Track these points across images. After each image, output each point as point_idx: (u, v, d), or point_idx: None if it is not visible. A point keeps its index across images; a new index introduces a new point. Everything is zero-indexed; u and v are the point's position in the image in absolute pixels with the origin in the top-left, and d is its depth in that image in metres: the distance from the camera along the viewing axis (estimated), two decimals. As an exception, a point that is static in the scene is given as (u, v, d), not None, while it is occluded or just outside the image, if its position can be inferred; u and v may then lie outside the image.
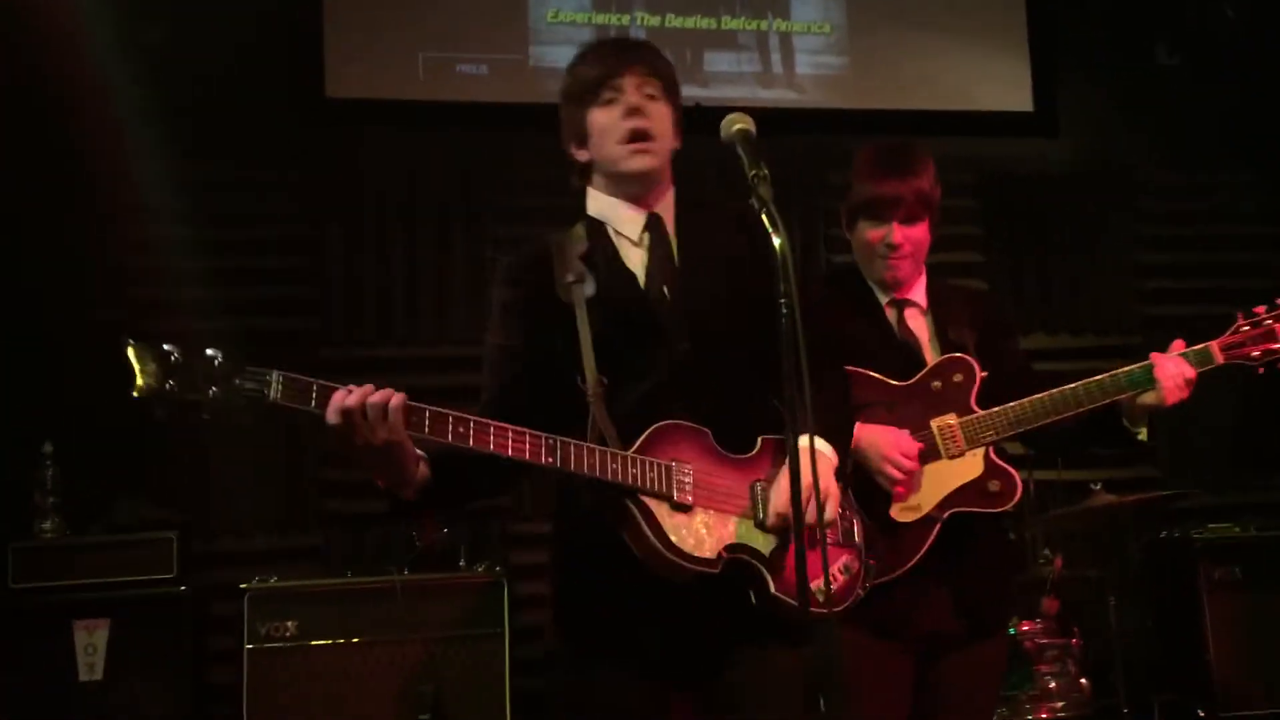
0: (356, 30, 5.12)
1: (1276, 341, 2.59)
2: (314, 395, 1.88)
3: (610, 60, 2.18)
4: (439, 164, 5.19)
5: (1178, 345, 2.60)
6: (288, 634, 4.05)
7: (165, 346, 1.83)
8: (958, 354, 2.63)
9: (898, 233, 2.63)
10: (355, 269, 5.07)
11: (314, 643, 4.07)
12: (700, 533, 2.03)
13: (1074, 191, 5.68)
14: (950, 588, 2.57)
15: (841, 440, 2.22)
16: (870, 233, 2.65)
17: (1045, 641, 3.85)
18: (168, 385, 1.82)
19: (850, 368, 2.46)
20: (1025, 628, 3.98)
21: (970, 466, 2.57)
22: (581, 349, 2.08)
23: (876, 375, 2.60)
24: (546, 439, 1.98)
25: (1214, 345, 2.60)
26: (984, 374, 2.60)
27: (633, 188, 2.20)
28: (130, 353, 1.82)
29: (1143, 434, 2.61)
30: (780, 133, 2.13)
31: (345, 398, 1.88)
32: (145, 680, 4.01)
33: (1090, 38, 5.67)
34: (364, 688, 4.04)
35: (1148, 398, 2.54)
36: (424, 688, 4.02)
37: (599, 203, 2.24)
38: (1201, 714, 4.57)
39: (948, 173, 2.76)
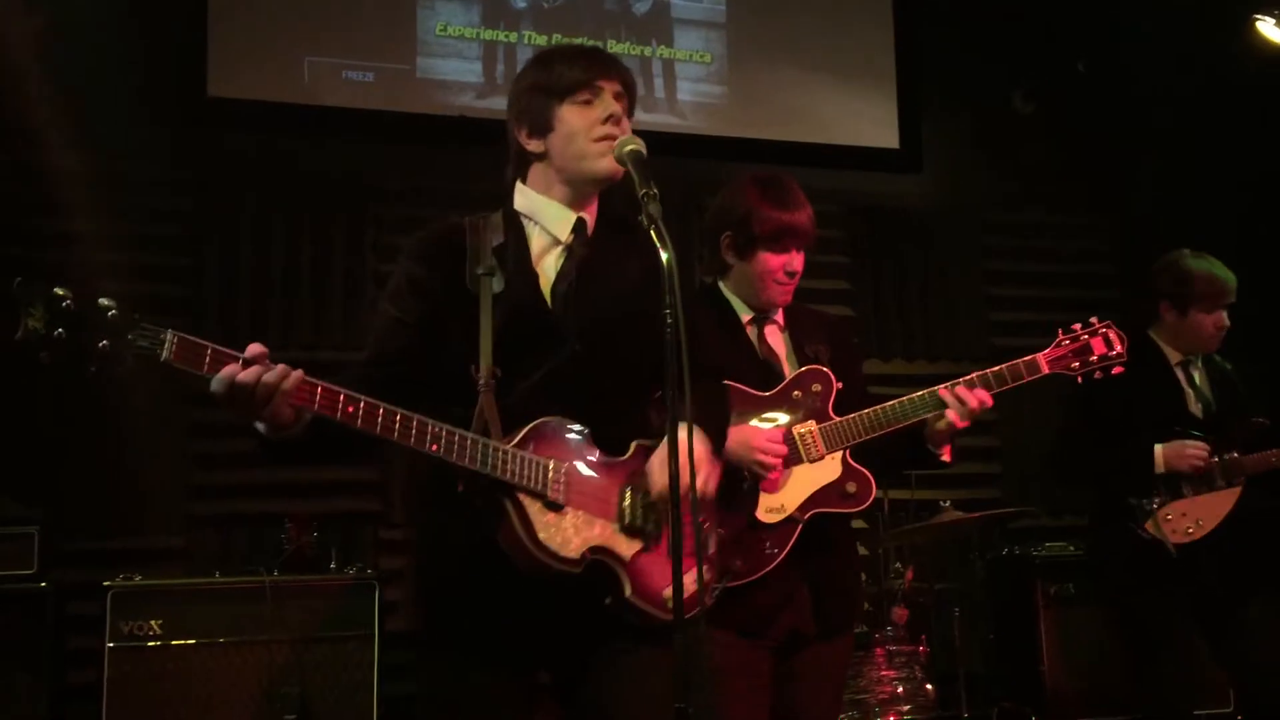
0: (242, 31, 5.10)
1: (1093, 354, 2.83)
2: (207, 359, 1.83)
3: (594, 65, 2.22)
4: (320, 168, 5.20)
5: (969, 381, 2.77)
6: (151, 633, 4.00)
7: (58, 290, 1.72)
8: (816, 365, 2.80)
9: (797, 260, 2.80)
10: (232, 270, 5.04)
11: (178, 642, 4.03)
12: (568, 532, 2.05)
13: (934, 226, 6.00)
14: (809, 587, 2.72)
15: (716, 439, 2.28)
16: (772, 260, 2.78)
17: (894, 648, 4.05)
18: (56, 332, 1.71)
19: None
20: (876, 635, 4.18)
21: (829, 470, 2.73)
22: (481, 340, 2.09)
23: (741, 386, 2.74)
24: (433, 426, 1.97)
25: (1040, 357, 2.82)
26: (840, 385, 2.78)
27: (585, 189, 2.23)
28: (18, 293, 1.70)
29: (945, 456, 2.80)
30: (660, 155, 2.24)
31: (238, 372, 1.84)
32: (3, 677, 3.92)
33: (954, 82, 5.99)
34: (229, 688, 4.02)
35: (941, 424, 2.73)
36: (290, 689, 4.01)
37: (529, 199, 2.26)
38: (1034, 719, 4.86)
39: (817, 203, 2.91)
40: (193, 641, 4.04)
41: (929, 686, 4.08)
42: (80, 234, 4.66)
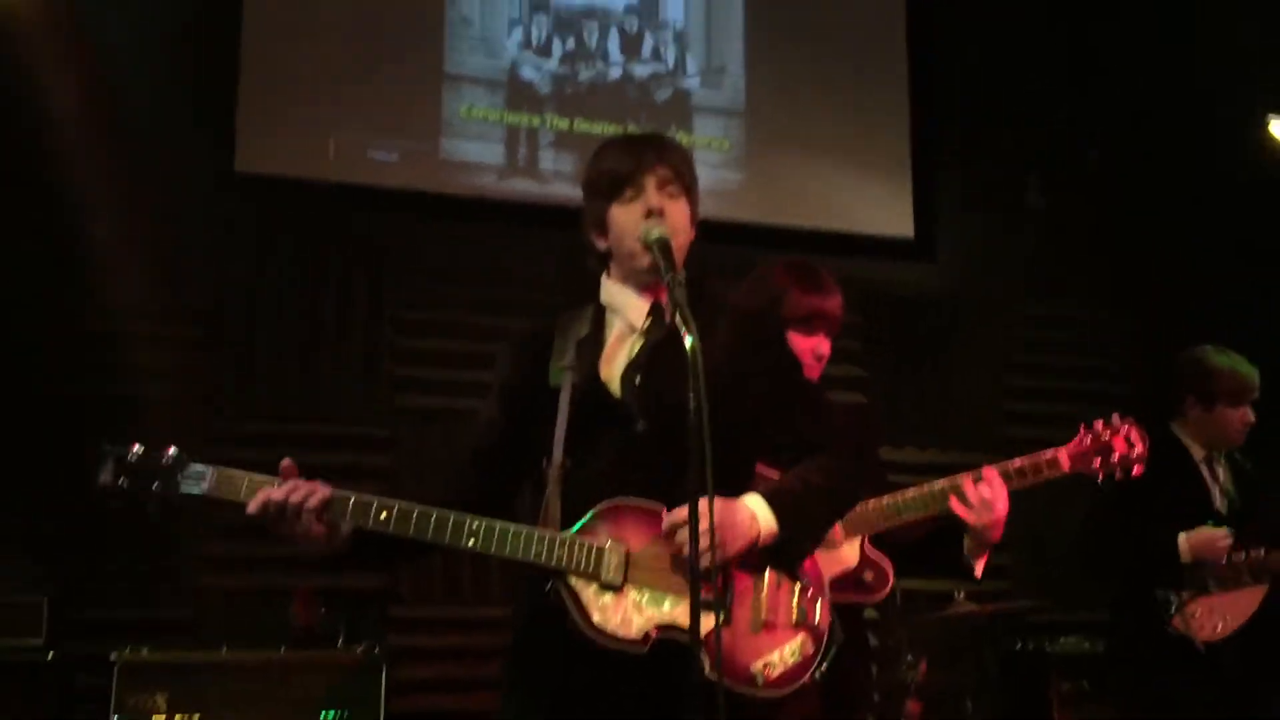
0: (270, 108, 5.20)
1: (1114, 453, 2.81)
2: (243, 488, 2.04)
3: (633, 159, 2.24)
4: (343, 245, 5.26)
5: (988, 471, 2.74)
6: (157, 707, 3.96)
7: (135, 448, 2.05)
8: (835, 453, 2.80)
9: (825, 345, 2.83)
10: (251, 342, 5.08)
11: (182, 716, 3.99)
12: (628, 612, 2.05)
13: (948, 315, 6.03)
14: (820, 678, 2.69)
15: (798, 512, 2.17)
16: (801, 343, 2.79)
17: (907, 740, 3.99)
18: (120, 481, 2.03)
19: None
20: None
21: (846, 557, 2.72)
22: (556, 432, 2.15)
23: (764, 469, 2.75)
24: (470, 523, 2.05)
25: (1061, 453, 2.80)
26: (860, 471, 2.78)
27: (645, 279, 2.25)
28: (103, 451, 2.03)
29: (977, 571, 2.76)
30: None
31: (269, 493, 2.02)
32: (7, 749, 3.88)
33: (968, 172, 6.07)
34: (232, 766, 3.97)
35: (975, 527, 2.67)
36: (294, 767, 3.97)
37: (610, 291, 2.31)
38: (1049, 821, 4.77)
39: (831, 290, 2.95)
40: (198, 716, 4.01)
41: (942, 783, 4.01)
42: (102, 305, 4.71)
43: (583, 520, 2.10)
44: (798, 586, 2.18)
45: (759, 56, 5.94)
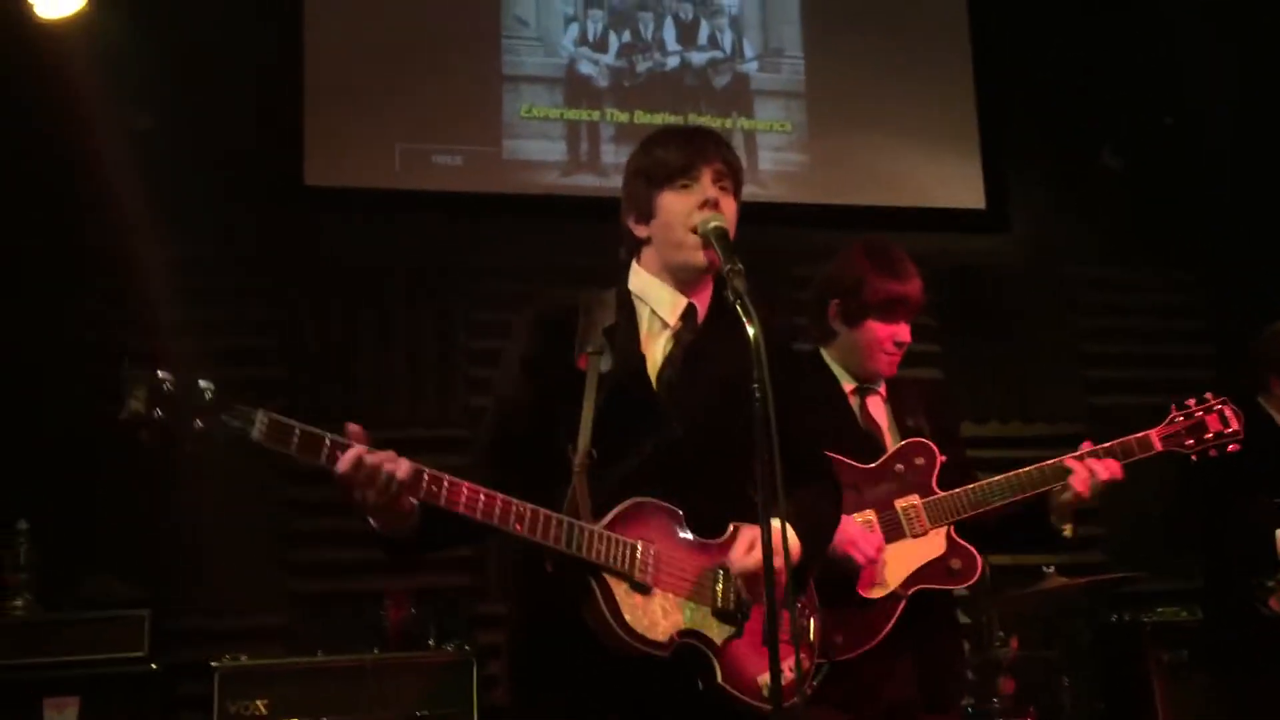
0: (335, 121, 5.28)
1: (1208, 431, 2.78)
2: (295, 438, 1.89)
3: (692, 148, 2.21)
4: (412, 251, 5.32)
5: (1086, 446, 2.74)
6: (258, 713, 4.06)
7: (160, 374, 1.83)
8: (919, 438, 2.78)
9: (905, 331, 2.79)
10: (325, 351, 5.16)
11: (282, 720, 4.08)
12: (655, 614, 2.03)
13: (1023, 285, 5.93)
14: (911, 662, 2.68)
15: (813, 538, 2.22)
16: (881, 330, 2.77)
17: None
18: (155, 413, 1.81)
19: None
20: (983, 707, 4.07)
21: (933, 545, 2.69)
22: (581, 420, 2.10)
23: (842, 458, 2.73)
24: (517, 506, 1.99)
25: (1153, 434, 2.77)
26: (944, 458, 2.75)
27: (687, 276, 2.23)
28: (125, 375, 1.81)
29: (1067, 530, 2.74)
30: (743, 225, 2.28)
31: (362, 453, 1.91)
32: (117, 759, 3.99)
33: (1039, 140, 5.95)
34: (334, 766, 4.04)
35: (1067, 495, 2.67)
36: (394, 767, 4.04)
37: (642, 280, 2.27)
38: (1153, 792, 4.68)
39: (906, 266, 2.90)
40: (296, 719, 4.09)
41: (1039, 760, 3.96)
42: (176, 320, 4.80)
43: (611, 515, 2.06)
44: (797, 606, 2.16)
45: (816, 36, 5.88)
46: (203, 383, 1.85)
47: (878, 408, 2.86)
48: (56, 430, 4.56)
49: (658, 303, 2.24)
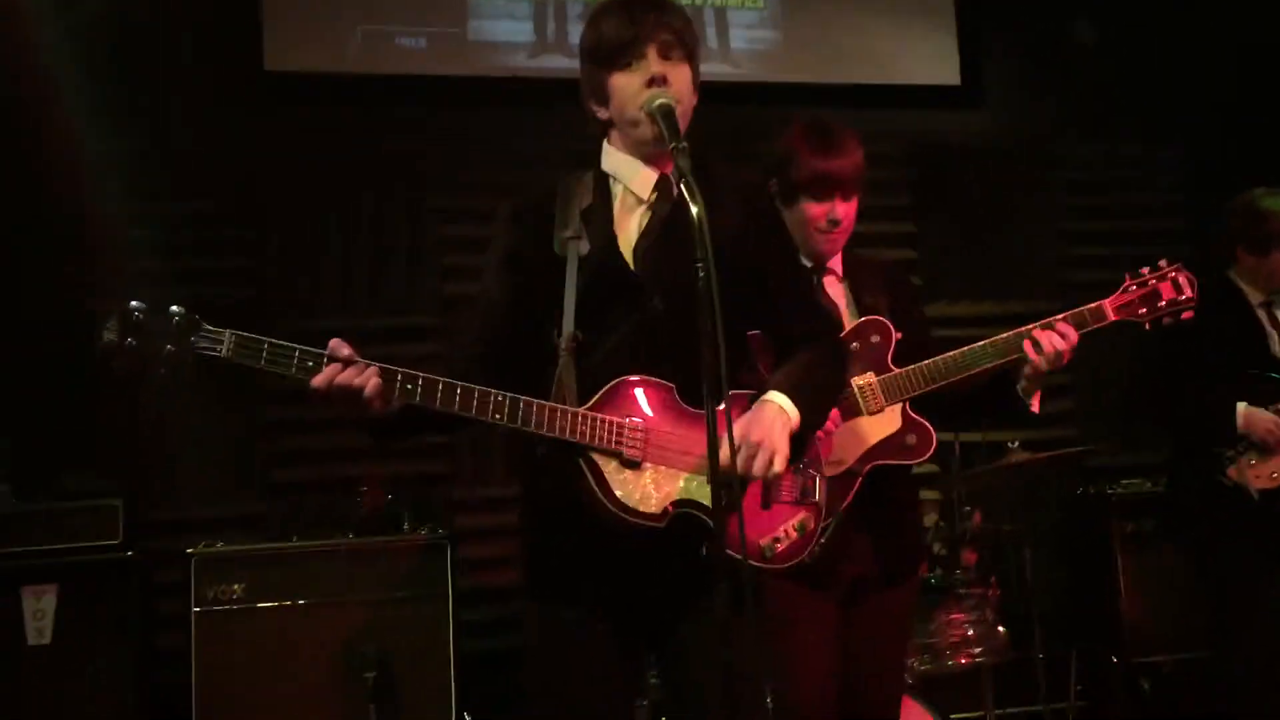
0: (295, 2, 5.15)
1: (1161, 300, 2.75)
2: (263, 354, 1.98)
3: (633, 24, 2.17)
4: (377, 136, 5.22)
5: (1062, 325, 2.71)
6: (234, 596, 4.12)
7: (132, 304, 1.95)
8: (874, 316, 2.77)
9: (840, 209, 2.75)
10: (292, 239, 5.11)
11: (260, 605, 4.14)
12: (647, 488, 2.08)
13: (999, 162, 5.86)
14: (869, 536, 2.72)
15: (813, 402, 2.21)
16: (813, 209, 2.73)
17: (964, 590, 4.02)
18: (128, 341, 1.93)
19: None
20: (946, 578, 4.15)
21: (889, 422, 2.71)
22: (564, 304, 2.14)
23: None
24: (495, 397, 2.03)
25: (1106, 304, 2.75)
26: (899, 335, 2.75)
27: (649, 150, 2.21)
28: (98, 308, 1.93)
29: (1034, 404, 2.74)
30: (715, 105, 2.25)
31: (335, 374, 2.01)
32: (93, 644, 4.06)
33: (1014, 13, 5.83)
34: (310, 647, 4.12)
35: (1026, 368, 2.67)
36: (368, 647, 4.10)
37: (613, 159, 2.27)
38: (1114, 660, 4.80)
39: (879, 144, 2.85)
40: (274, 604, 4.15)
41: (1000, 629, 4.05)
42: (137, 214, 4.75)
43: (597, 395, 2.10)
44: (800, 465, 2.22)
45: (788, -93, 5.71)
46: (173, 308, 1.96)
47: (834, 287, 2.85)
48: (31, 326, 4.52)
49: (630, 179, 2.24)
